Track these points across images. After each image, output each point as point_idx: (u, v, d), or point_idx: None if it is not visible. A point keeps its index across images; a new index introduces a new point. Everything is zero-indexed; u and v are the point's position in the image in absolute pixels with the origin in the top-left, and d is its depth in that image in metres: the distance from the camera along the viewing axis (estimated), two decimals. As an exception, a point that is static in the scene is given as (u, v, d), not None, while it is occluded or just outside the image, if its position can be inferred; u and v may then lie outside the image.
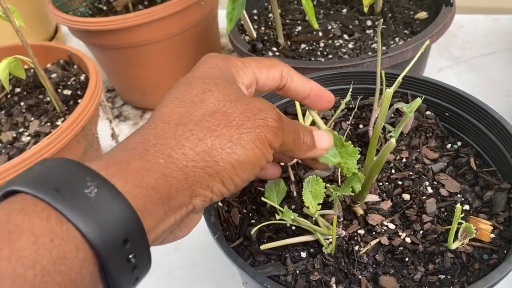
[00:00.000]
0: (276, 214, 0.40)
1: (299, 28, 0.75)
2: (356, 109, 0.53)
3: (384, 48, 0.67)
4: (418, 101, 0.34)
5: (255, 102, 0.32)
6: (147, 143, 0.28)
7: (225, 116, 0.30)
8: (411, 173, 0.47)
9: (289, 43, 0.73)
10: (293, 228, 0.43)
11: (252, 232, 0.39)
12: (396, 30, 0.70)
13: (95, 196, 0.23)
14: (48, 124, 0.67)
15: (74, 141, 0.59)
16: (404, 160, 0.49)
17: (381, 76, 0.49)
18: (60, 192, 0.23)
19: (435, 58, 0.94)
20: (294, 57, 0.69)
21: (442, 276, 0.38)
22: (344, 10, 0.77)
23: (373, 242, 0.42)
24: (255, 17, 0.80)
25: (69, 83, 0.71)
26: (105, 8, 0.95)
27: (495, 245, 0.39)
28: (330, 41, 0.71)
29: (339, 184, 0.48)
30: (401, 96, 0.53)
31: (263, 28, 0.76)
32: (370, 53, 0.66)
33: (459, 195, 0.45)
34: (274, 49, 0.72)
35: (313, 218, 0.41)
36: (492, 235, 0.40)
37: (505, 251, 0.38)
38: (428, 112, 0.51)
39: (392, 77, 0.51)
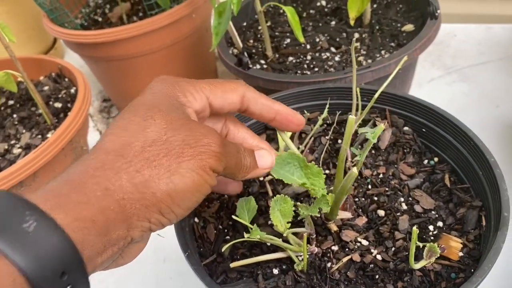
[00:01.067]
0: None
1: (288, 40, 0.76)
2: (335, 124, 0.54)
3: (370, 61, 0.67)
4: (381, 127, 0.34)
5: (199, 128, 0.32)
6: (86, 175, 0.29)
7: (166, 145, 0.31)
8: (387, 188, 0.48)
9: (277, 55, 0.73)
10: (268, 244, 0.44)
11: (223, 249, 0.40)
12: (383, 43, 0.70)
13: (34, 230, 0.24)
14: (39, 136, 0.68)
15: (62, 154, 0.60)
16: (381, 175, 0.49)
17: (357, 92, 0.50)
18: None
19: (427, 68, 0.94)
20: (281, 70, 0.69)
21: (410, 294, 0.39)
22: (333, 22, 0.78)
23: (345, 259, 0.42)
24: (244, 29, 0.81)
25: (60, 95, 0.72)
26: (100, 19, 0.97)
27: (463, 264, 0.39)
28: (317, 54, 0.71)
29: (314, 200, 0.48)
30: (379, 112, 0.53)
31: (251, 41, 0.77)
32: (356, 67, 0.67)
33: (433, 212, 0.45)
34: (262, 61, 0.73)
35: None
36: (461, 254, 0.40)
37: (472, 270, 0.38)
38: (406, 128, 0.52)
39: (370, 93, 0.52)
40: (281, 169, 0.39)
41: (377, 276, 0.41)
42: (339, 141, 0.53)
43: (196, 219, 0.46)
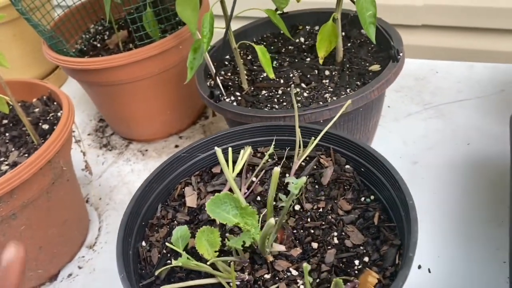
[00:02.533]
0: (196, 256, 0.45)
1: (265, 74, 0.81)
2: (284, 159, 0.57)
3: (335, 98, 0.71)
4: (303, 180, 0.38)
5: None
6: None
7: None
8: (323, 222, 0.51)
9: (252, 88, 0.78)
10: (206, 271, 0.48)
11: (157, 273, 0.44)
12: (350, 81, 0.74)
13: None
14: (26, 155, 0.73)
15: (40, 174, 0.66)
16: (320, 209, 0.53)
17: (301, 130, 0.54)
18: None
19: (406, 103, 0.98)
20: (253, 103, 0.74)
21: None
22: (308, 59, 0.82)
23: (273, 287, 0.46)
24: (226, 63, 0.86)
25: (48, 118, 0.78)
26: (99, 45, 1.03)
27: None
28: (288, 89, 0.76)
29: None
30: (324, 150, 0.57)
31: (229, 74, 0.82)
32: (321, 103, 0.71)
33: (361, 247, 0.48)
34: (237, 93, 0.77)
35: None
36: None
37: None
38: (347, 166, 0.55)
39: (317, 132, 0.55)
40: (218, 208, 0.43)
41: None
42: (287, 175, 0.57)
43: (143, 243, 0.51)
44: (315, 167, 0.56)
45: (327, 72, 0.77)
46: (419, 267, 0.65)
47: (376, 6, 0.64)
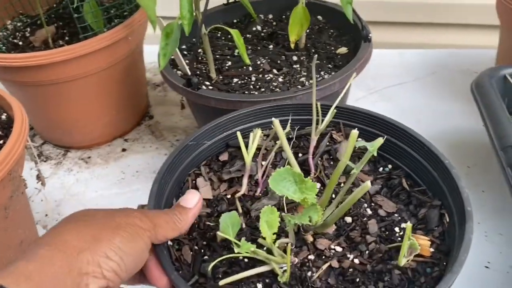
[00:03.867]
0: (229, 248, 0.40)
1: (229, 63, 0.78)
2: (294, 139, 0.55)
3: (311, 81, 0.71)
4: (380, 140, 0.37)
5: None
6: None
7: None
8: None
9: (221, 77, 0.74)
10: (246, 260, 0.44)
11: (208, 269, 0.39)
12: (321, 64, 0.75)
13: None
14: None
15: (0, 186, 0.55)
16: (342, 184, 0.52)
17: (316, 107, 0.52)
18: None
19: (352, 89, 1.01)
20: (228, 91, 0.70)
21: (392, 293, 0.41)
22: (271, 46, 0.81)
23: (324, 266, 0.44)
24: (185, 52, 0.81)
25: (-11, 122, 0.66)
26: (21, 43, 0.91)
27: (435, 259, 0.43)
28: (260, 76, 0.74)
29: (285, 211, 0.49)
30: (333, 125, 0.56)
31: (194, 63, 0.77)
32: (299, 86, 0.70)
33: (396, 215, 0.48)
34: (207, 83, 0.73)
35: (265, 248, 0.42)
36: (431, 249, 0.43)
37: (444, 263, 0.42)
38: (359, 139, 0.55)
39: (324, 109, 0.54)
40: (278, 184, 0.40)
41: (357, 280, 0.42)
42: (300, 154, 0.55)
43: (170, 242, 0.45)
44: (327, 143, 0.55)
45: (295, 58, 0.77)
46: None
47: (353, -13, 0.66)
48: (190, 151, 0.52)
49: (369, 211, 0.49)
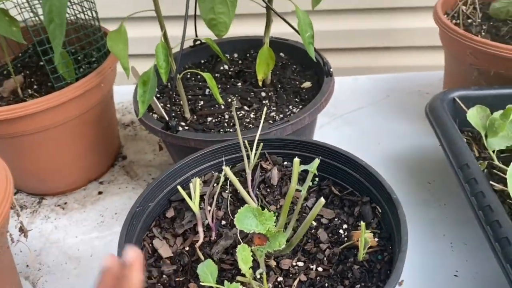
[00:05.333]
0: None
1: (202, 102, 0.82)
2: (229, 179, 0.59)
3: (281, 115, 0.76)
4: (317, 161, 0.43)
5: None
6: None
7: None
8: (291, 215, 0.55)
9: (195, 117, 0.78)
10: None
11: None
12: (288, 99, 0.80)
13: None
14: None
15: (-10, 244, 0.55)
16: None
17: (244, 144, 0.58)
18: None
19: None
20: (203, 130, 0.74)
21: (358, 286, 0.47)
22: (239, 84, 0.86)
23: (295, 283, 0.48)
24: (158, 95, 0.84)
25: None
26: (-12, 95, 0.91)
27: (381, 246, 0.50)
28: (232, 112, 0.78)
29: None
30: (260, 157, 0.63)
31: (168, 105, 0.81)
32: (271, 121, 0.75)
33: (336, 219, 0.55)
34: (183, 123, 0.76)
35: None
36: (376, 239, 0.50)
37: (390, 247, 0.49)
38: (285, 163, 0.62)
39: (250, 144, 0.60)
40: (243, 223, 0.46)
41: (326, 285, 0.48)
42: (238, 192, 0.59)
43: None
44: (260, 173, 0.60)
45: (263, 94, 0.82)
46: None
47: (313, 29, 0.72)
48: (139, 217, 0.55)
49: (314, 223, 0.55)
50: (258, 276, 0.46)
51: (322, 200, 0.44)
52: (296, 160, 0.46)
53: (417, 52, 1.36)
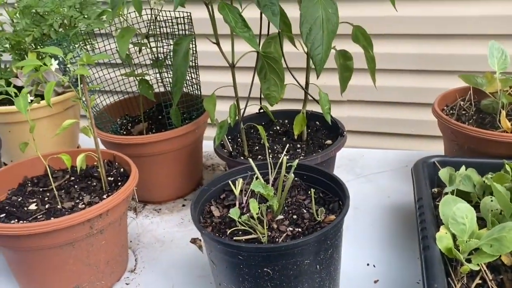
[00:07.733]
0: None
1: (257, 147, 1.23)
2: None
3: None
4: (296, 161, 0.80)
5: None
6: None
7: None
8: (295, 206, 0.90)
9: (251, 155, 1.19)
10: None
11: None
12: (314, 149, 1.18)
13: None
14: (97, 198, 1.05)
15: (122, 203, 0.98)
16: (289, 202, 0.92)
17: (271, 165, 0.96)
18: None
19: (344, 174, 1.43)
20: (253, 163, 1.14)
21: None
22: (284, 138, 1.26)
23: (283, 236, 0.82)
24: (229, 139, 1.28)
25: (111, 173, 1.12)
26: (124, 133, 1.41)
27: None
28: (275, 154, 1.18)
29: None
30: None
31: (235, 146, 1.23)
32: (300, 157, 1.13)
33: (318, 210, 0.88)
34: (242, 158, 1.17)
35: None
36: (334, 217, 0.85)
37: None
38: (296, 179, 0.97)
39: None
40: (256, 187, 0.82)
41: (300, 237, 0.81)
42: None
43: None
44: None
45: (298, 145, 1.21)
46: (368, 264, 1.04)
47: (330, 103, 1.12)
48: (205, 193, 0.95)
49: (305, 211, 0.89)
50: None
51: (291, 175, 0.81)
52: (284, 158, 0.84)
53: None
